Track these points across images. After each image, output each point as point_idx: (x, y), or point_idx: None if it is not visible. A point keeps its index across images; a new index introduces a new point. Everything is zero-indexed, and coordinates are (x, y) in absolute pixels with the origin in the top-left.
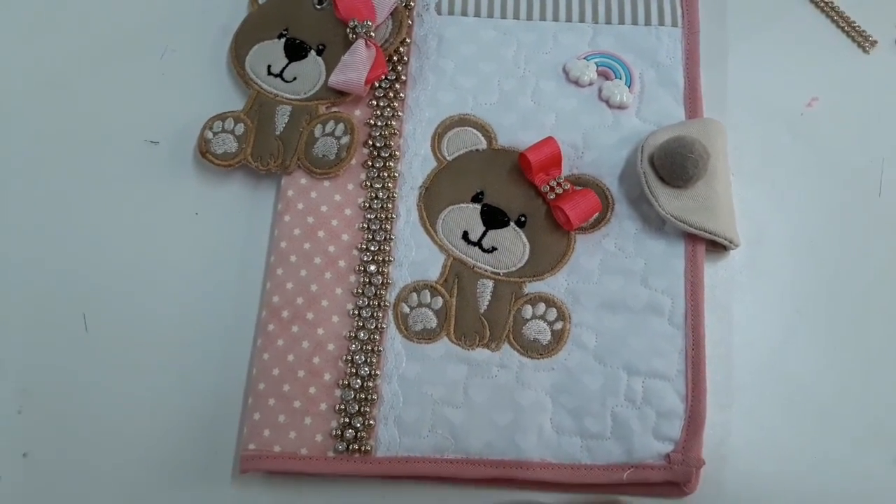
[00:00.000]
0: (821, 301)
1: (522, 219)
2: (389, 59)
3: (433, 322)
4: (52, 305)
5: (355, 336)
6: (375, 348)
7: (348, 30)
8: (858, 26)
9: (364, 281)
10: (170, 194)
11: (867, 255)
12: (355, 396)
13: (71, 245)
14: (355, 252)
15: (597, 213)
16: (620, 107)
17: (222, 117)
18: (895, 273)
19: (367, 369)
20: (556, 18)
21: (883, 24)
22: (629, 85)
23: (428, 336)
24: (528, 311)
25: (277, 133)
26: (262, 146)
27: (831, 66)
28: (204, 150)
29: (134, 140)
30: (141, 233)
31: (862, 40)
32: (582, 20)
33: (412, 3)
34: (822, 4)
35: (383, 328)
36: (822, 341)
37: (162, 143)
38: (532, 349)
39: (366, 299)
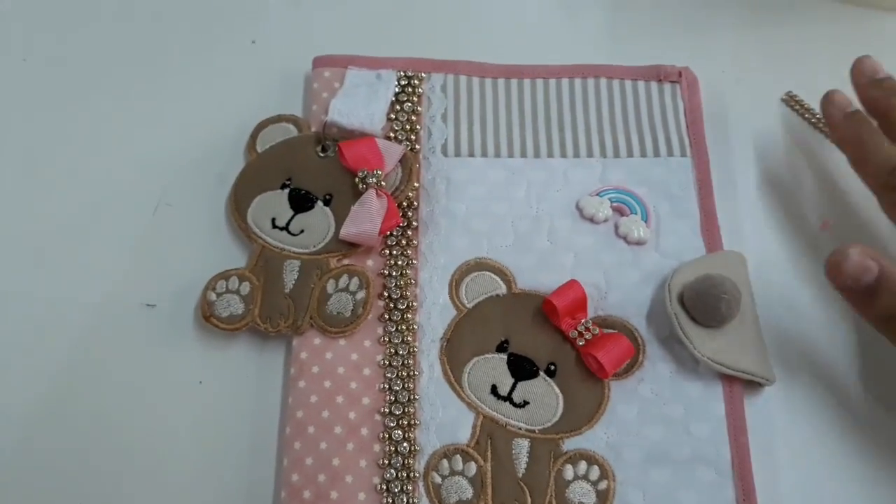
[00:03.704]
0: (864, 433)
1: (552, 367)
2: (399, 206)
3: (468, 492)
4: (52, 499)
5: None
6: None
7: (357, 180)
8: None
9: (390, 450)
10: (171, 362)
11: None
12: None
13: (65, 426)
14: (378, 417)
15: (630, 358)
16: (639, 242)
17: (226, 276)
18: None
19: None
20: (563, 155)
21: None
22: (645, 220)
23: None
24: (569, 471)
25: (287, 291)
26: (270, 306)
27: (836, 185)
28: (207, 314)
29: (129, 304)
30: (141, 407)
31: None
32: (590, 155)
33: (417, 147)
34: (814, 121)
35: (415, 503)
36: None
37: (159, 306)
38: None
39: (393, 471)
